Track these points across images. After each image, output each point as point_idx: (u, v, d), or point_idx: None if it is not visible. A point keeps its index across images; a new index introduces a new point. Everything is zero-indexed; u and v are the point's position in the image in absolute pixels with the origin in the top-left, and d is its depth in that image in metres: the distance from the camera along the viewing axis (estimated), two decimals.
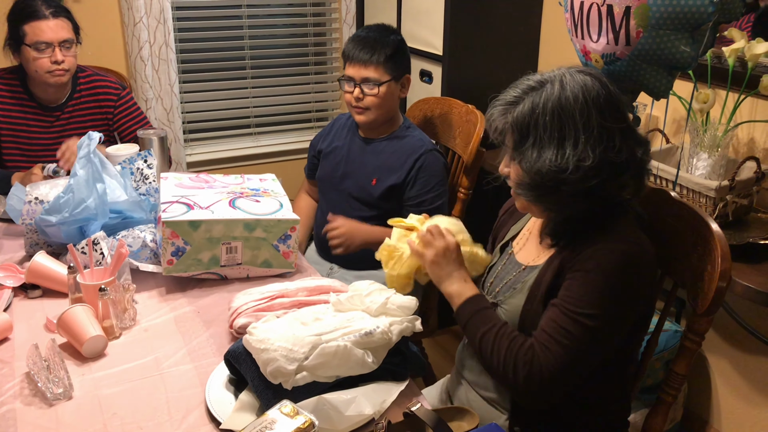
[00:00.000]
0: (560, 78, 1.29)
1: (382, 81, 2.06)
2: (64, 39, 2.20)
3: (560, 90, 1.27)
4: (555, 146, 1.26)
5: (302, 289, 1.50)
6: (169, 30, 2.92)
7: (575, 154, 1.24)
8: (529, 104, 1.28)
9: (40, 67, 2.19)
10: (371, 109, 2.10)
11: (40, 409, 1.26)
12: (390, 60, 2.06)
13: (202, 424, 1.22)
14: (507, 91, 1.34)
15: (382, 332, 1.26)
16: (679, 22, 1.54)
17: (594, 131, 1.25)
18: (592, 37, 1.72)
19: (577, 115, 1.25)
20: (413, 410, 1.15)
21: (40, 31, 2.16)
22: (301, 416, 1.02)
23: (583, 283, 1.25)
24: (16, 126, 2.30)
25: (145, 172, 2.02)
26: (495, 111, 1.34)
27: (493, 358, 1.30)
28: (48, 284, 1.64)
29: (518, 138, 1.30)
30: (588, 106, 1.26)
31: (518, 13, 2.72)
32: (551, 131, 1.26)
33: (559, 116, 1.26)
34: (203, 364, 1.39)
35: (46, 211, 1.70)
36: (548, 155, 1.26)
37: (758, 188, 1.90)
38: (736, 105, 1.89)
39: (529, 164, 1.28)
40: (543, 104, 1.26)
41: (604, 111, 1.27)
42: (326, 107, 3.58)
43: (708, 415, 2.33)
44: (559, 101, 1.26)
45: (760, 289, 1.64)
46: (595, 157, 1.24)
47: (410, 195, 2.09)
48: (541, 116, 1.26)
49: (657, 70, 1.66)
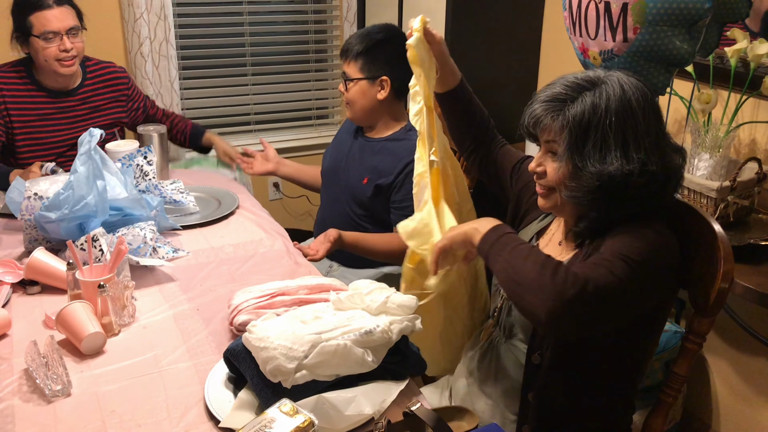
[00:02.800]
0: (617, 79, 1.25)
1: (351, 77, 2.06)
2: (71, 26, 2.22)
3: (621, 92, 1.23)
4: (620, 149, 1.22)
5: (303, 287, 1.49)
6: (169, 26, 2.91)
7: (639, 159, 1.21)
8: (589, 103, 1.23)
9: (49, 56, 2.21)
10: (348, 105, 2.12)
11: (39, 405, 1.25)
12: (361, 57, 2.05)
13: (200, 422, 1.22)
14: (551, 86, 1.30)
15: (382, 331, 1.25)
16: (676, 19, 1.54)
17: (653, 136, 1.23)
18: (590, 35, 1.72)
19: (640, 118, 1.22)
20: (413, 410, 1.15)
21: (46, 21, 2.18)
22: (301, 415, 1.02)
23: (615, 241, 1.23)
24: (29, 117, 2.31)
25: (145, 168, 2.02)
26: (540, 106, 1.28)
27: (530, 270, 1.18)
28: (47, 280, 1.64)
29: (577, 138, 1.24)
30: (647, 111, 1.23)
31: (520, 12, 2.72)
32: (616, 133, 1.21)
33: (624, 118, 1.22)
34: (202, 362, 1.39)
35: (45, 207, 1.70)
36: (613, 158, 1.21)
37: (759, 189, 1.90)
38: (738, 105, 1.89)
39: (594, 167, 1.23)
40: (606, 105, 1.22)
41: (659, 116, 1.26)
42: (326, 105, 3.57)
43: (707, 416, 2.33)
44: (623, 103, 1.22)
45: (761, 290, 1.64)
46: (658, 161, 1.23)
47: (395, 198, 2.09)
48: (604, 116, 1.21)
49: (654, 66, 1.66)
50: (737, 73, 1.88)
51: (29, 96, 2.31)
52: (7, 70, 2.31)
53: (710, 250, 1.33)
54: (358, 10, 3.30)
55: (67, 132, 2.35)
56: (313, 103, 3.54)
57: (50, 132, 2.34)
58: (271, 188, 3.45)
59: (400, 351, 1.31)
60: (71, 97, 2.36)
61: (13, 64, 2.33)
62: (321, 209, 2.33)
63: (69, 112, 2.36)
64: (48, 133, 2.34)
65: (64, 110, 2.35)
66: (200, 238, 1.96)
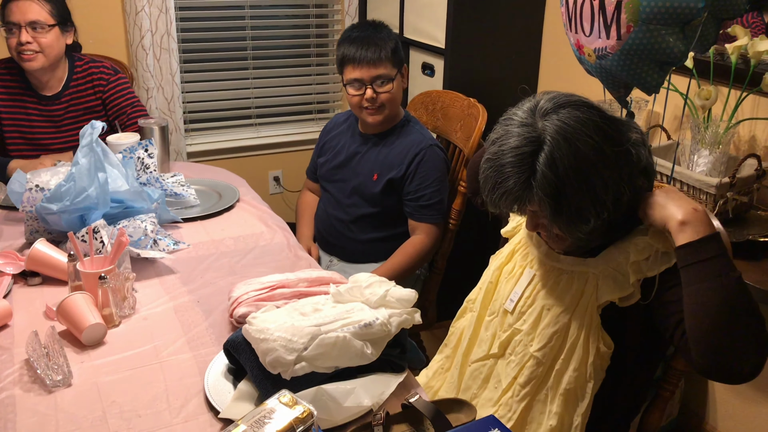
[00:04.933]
0: (555, 130, 1.19)
1: (392, 76, 2.07)
2: (32, 20, 2.16)
3: (567, 146, 1.17)
4: (591, 200, 1.20)
5: (303, 280, 1.50)
6: (171, 19, 2.91)
7: (609, 194, 1.20)
8: (544, 177, 1.18)
9: (11, 48, 2.19)
10: (386, 106, 2.09)
11: (39, 395, 1.26)
12: (394, 53, 2.07)
13: (200, 412, 1.23)
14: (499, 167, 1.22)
15: (381, 324, 1.26)
16: (670, 18, 1.54)
17: (614, 162, 1.20)
18: (585, 32, 1.72)
19: (595, 160, 1.19)
20: (411, 401, 1.15)
21: (10, 12, 2.16)
22: (300, 406, 1.02)
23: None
24: (17, 115, 2.30)
25: (146, 161, 2.02)
26: (503, 200, 1.24)
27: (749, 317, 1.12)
28: (48, 272, 1.64)
29: (553, 211, 1.21)
30: (598, 144, 1.19)
31: (521, 7, 2.71)
32: (580, 191, 1.19)
33: (580, 173, 1.18)
34: (202, 353, 1.39)
35: (47, 198, 1.70)
36: (589, 211, 1.20)
37: (759, 186, 1.90)
38: (738, 102, 1.89)
39: (575, 228, 1.22)
40: (561, 171, 1.17)
41: (611, 136, 1.21)
42: (327, 99, 3.57)
43: (704, 411, 2.33)
44: (575, 159, 1.17)
45: (760, 286, 1.64)
46: (628, 185, 1.22)
47: (409, 189, 2.10)
48: (566, 184, 1.18)
49: (648, 64, 1.66)
50: (737, 70, 1.88)
51: (19, 94, 2.30)
52: (1, 66, 2.30)
53: None
54: (360, 5, 3.30)
55: (52, 134, 2.33)
56: (313, 98, 3.54)
57: (36, 132, 2.33)
58: (271, 182, 3.45)
59: (399, 343, 1.31)
60: (56, 100, 2.32)
61: (8, 60, 2.30)
62: (323, 206, 2.33)
63: (54, 118, 2.34)
64: (34, 134, 2.33)
65: (49, 112, 2.33)
66: (201, 230, 1.97)
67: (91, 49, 2.57)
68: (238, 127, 3.41)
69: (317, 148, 2.38)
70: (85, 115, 2.35)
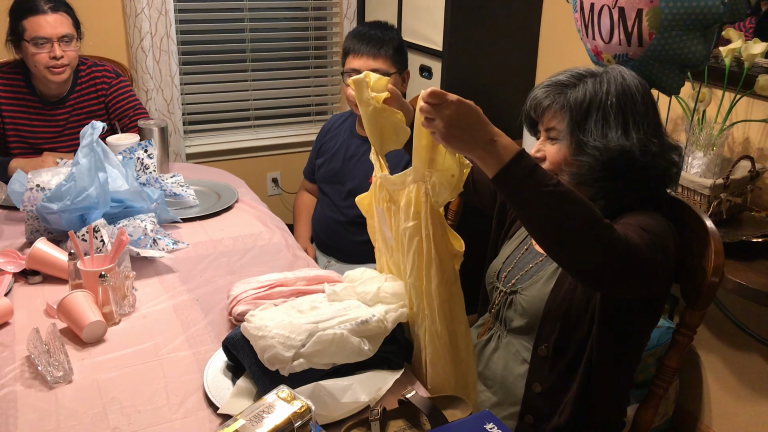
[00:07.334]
0: (620, 70, 1.33)
1: (390, 73, 2.08)
2: (63, 34, 2.18)
3: (622, 78, 1.31)
4: (620, 127, 1.28)
5: (301, 279, 1.51)
6: (170, 21, 2.93)
7: (639, 139, 1.27)
8: (591, 87, 1.31)
9: (39, 63, 2.18)
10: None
11: (40, 391, 1.28)
12: (396, 53, 2.09)
13: (200, 408, 1.24)
14: (555, 75, 1.36)
15: (377, 321, 1.27)
16: (691, 23, 1.56)
17: (652, 121, 1.30)
18: (604, 38, 1.73)
19: (639, 102, 1.29)
20: (408, 397, 1.17)
21: (38, 27, 2.15)
22: (298, 401, 1.03)
23: (629, 219, 1.27)
24: (19, 121, 2.31)
25: (146, 161, 2.04)
26: (542, 91, 1.35)
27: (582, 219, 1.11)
28: (48, 270, 1.66)
29: (578, 116, 1.30)
30: (646, 99, 1.31)
31: (518, 10, 2.74)
32: (616, 113, 1.28)
33: (624, 101, 1.29)
34: (201, 351, 1.41)
35: (47, 198, 1.72)
36: (614, 136, 1.28)
37: (752, 187, 1.92)
38: (732, 104, 1.91)
39: (596, 142, 1.28)
40: (607, 88, 1.30)
41: (656, 109, 1.33)
42: (326, 101, 3.59)
43: (699, 411, 2.35)
44: (623, 87, 1.30)
45: (753, 286, 1.66)
46: (658, 144, 1.29)
47: None
48: (605, 97, 1.29)
49: (669, 68, 1.68)
50: (731, 73, 1.90)
51: (22, 99, 2.31)
52: (6, 70, 2.31)
53: (702, 245, 1.35)
54: (358, 7, 3.32)
55: (55, 140, 2.34)
56: (312, 100, 3.56)
57: (38, 137, 2.34)
58: (270, 183, 3.47)
59: (396, 340, 1.33)
60: (61, 105, 2.34)
61: (12, 66, 2.32)
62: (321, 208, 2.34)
63: (58, 123, 2.35)
64: (36, 139, 2.34)
65: (53, 117, 2.34)
66: (200, 230, 1.98)
67: (90, 51, 2.58)
68: (237, 129, 3.42)
69: (315, 149, 2.40)
70: (88, 119, 2.36)
